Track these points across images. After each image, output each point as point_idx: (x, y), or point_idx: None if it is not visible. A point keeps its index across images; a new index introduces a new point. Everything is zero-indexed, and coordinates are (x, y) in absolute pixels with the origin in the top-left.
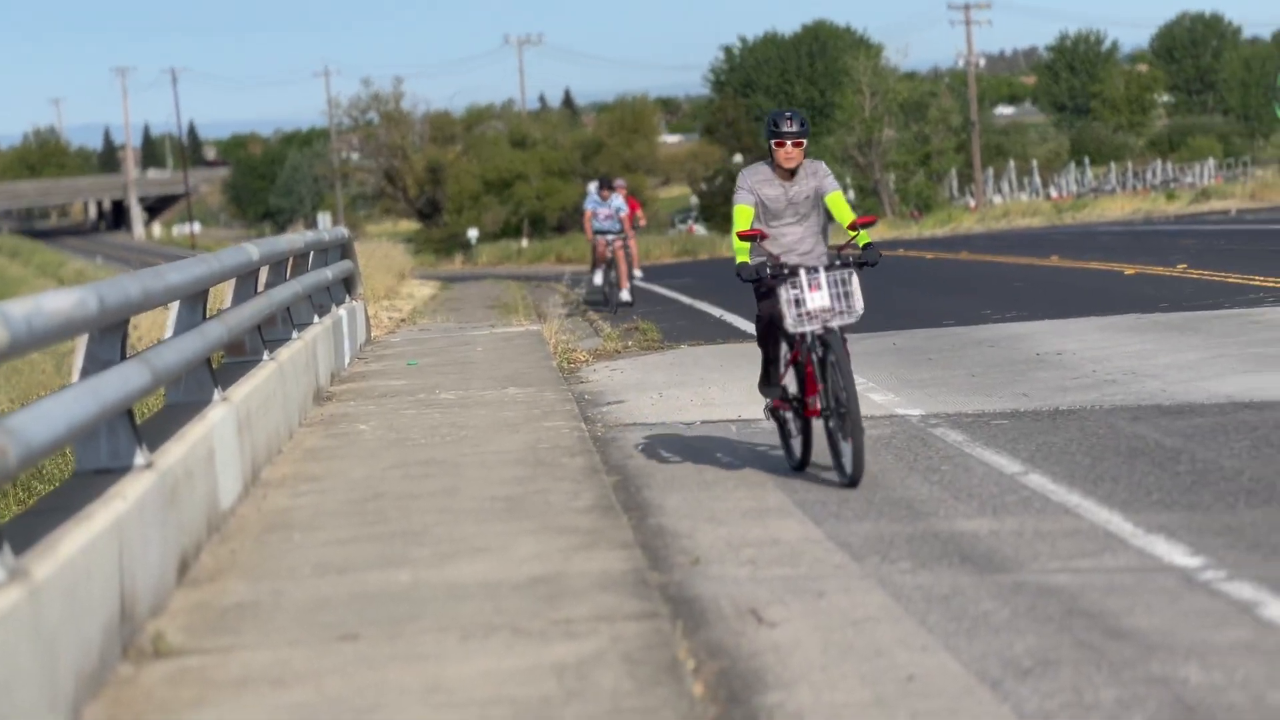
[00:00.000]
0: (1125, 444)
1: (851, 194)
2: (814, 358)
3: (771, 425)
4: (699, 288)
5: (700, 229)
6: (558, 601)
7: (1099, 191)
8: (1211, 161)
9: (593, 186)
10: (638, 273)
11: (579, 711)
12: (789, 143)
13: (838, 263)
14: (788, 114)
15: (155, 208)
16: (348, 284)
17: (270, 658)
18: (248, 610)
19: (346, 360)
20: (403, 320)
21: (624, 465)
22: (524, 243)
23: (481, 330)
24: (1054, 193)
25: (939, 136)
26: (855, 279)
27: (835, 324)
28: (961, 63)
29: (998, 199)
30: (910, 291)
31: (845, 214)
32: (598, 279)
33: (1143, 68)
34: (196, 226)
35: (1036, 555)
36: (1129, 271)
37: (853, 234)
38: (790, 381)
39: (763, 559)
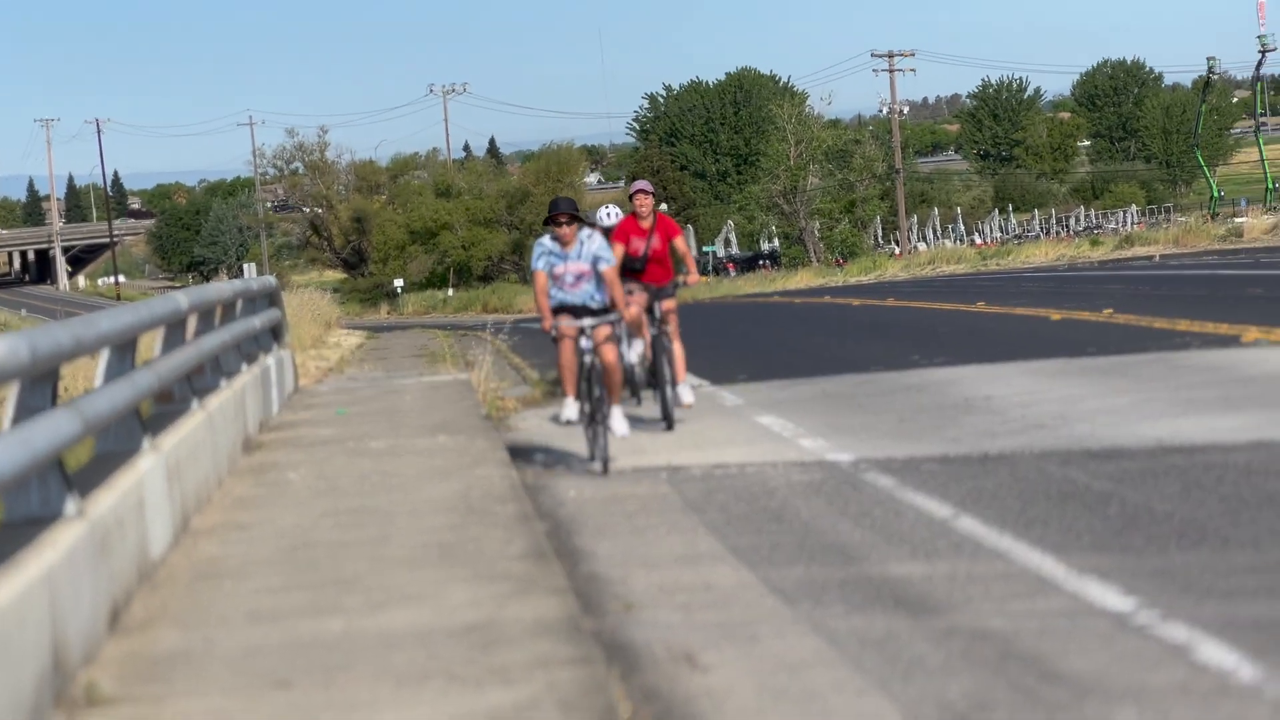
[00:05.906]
0: (1056, 488)
1: (776, 243)
2: None
3: (702, 465)
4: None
5: None
6: (492, 648)
7: (1023, 238)
8: (1134, 208)
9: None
10: (685, 391)
11: None
12: None
13: None
14: None
15: (80, 258)
16: (275, 333)
17: (203, 706)
18: (180, 659)
19: (275, 409)
20: (330, 369)
21: (555, 512)
22: (450, 292)
23: (409, 379)
24: (978, 239)
25: (863, 184)
26: None
27: None
28: (885, 110)
29: (922, 246)
30: (837, 338)
31: None
32: (569, 412)
33: (1065, 115)
34: (121, 278)
35: (970, 599)
36: (1055, 317)
37: None
38: None
39: (696, 604)
